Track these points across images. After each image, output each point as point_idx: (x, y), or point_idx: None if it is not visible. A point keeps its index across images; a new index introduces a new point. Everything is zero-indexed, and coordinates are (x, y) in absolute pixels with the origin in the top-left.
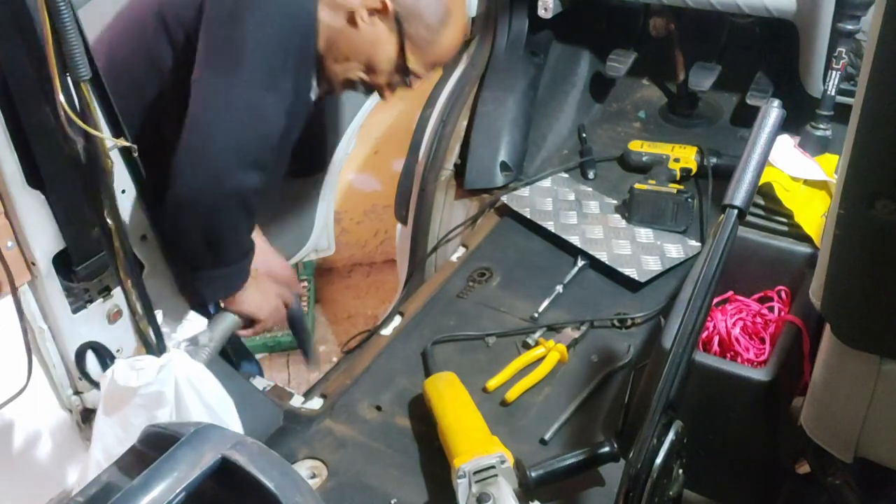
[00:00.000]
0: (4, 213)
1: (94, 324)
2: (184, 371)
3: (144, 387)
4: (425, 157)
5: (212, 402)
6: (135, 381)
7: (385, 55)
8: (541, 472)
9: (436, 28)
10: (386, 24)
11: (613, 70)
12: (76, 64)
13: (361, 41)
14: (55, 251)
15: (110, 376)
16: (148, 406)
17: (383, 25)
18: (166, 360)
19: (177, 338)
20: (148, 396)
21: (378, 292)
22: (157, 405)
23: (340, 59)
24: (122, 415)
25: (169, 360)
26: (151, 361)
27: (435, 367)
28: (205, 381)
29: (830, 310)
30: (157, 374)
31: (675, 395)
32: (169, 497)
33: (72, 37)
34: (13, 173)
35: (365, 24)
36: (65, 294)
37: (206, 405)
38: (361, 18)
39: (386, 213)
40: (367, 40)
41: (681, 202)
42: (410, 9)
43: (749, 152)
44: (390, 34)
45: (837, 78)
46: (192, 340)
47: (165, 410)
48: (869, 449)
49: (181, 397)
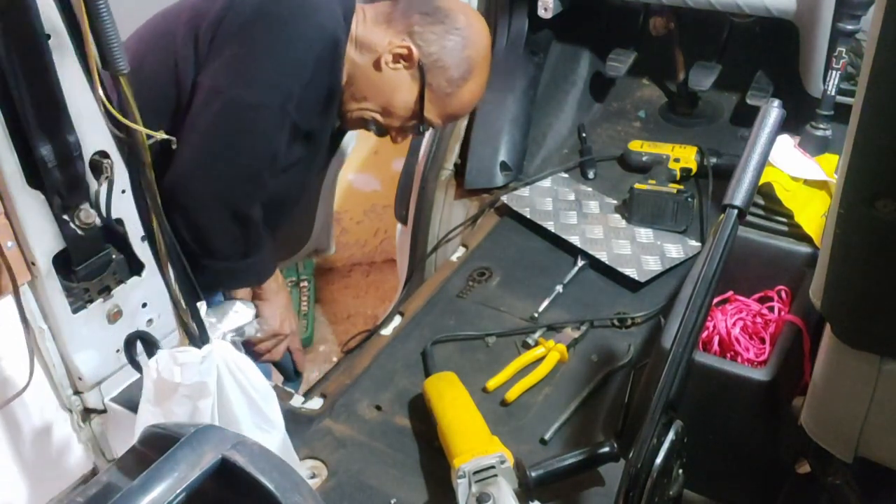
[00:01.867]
0: (4, 213)
1: (94, 324)
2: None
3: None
4: (425, 157)
5: (253, 394)
6: (178, 375)
7: (403, 101)
8: (541, 472)
9: (457, 82)
10: (409, 71)
11: (613, 70)
12: (115, 58)
13: (383, 84)
14: (55, 251)
15: (154, 366)
16: (191, 396)
17: (406, 73)
18: (208, 352)
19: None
20: (191, 387)
21: (378, 292)
22: (200, 395)
23: (358, 97)
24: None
25: (211, 352)
26: (194, 353)
27: (435, 367)
28: (247, 371)
29: (830, 310)
30: (199, 364)
31: (675, 395)
32: (169, 497)
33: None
34: (13, 173)
35: (388, 68)
36: (65, 294)
37: (249, 397)
38: (386, 63)
39: (386, 212)
40: (389, 84)
41: (681, 202)
42: (435, 60)
43: (749, 152)
44: (412, 82)
45: (837, 78)
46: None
47: (208, 401)
48: (869, 449)
49: (223, 388)
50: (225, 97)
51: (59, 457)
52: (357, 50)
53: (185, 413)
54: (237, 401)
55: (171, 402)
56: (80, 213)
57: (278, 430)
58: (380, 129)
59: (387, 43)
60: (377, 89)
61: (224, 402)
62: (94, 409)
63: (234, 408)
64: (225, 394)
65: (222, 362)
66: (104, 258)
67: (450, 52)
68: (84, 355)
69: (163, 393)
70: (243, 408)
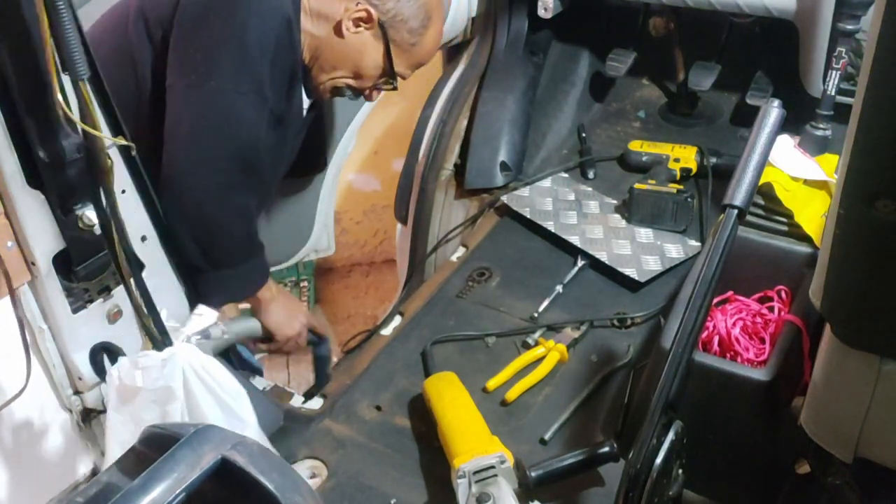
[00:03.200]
0: (4, 213)
1: (94, 324)
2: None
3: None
4: (425, 157)
5: (223, 395)
6: (140, 380)
7: (372, 62)
8: (541, 472)
9: (419, 31)
10: (371, 32)
11: (613, 70)
12: (75, 63)
13: (348, 50)
14: (55, 251)
15: (116, 374)
16: (158, 401)
17: (368, 34)
18: (169, 354)
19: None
20: (156, 392)
21: (377, 292)
22: (167, 400)
23: (327, 67)
24: (133, 411)
25: (173, 354)
26: (155, 357)
27: (435, 367)
28: (214, 372)
29: (830, 310)
30: (162, 369)
31: (674, 395)
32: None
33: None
34: (13, 173)
35: (351, 33)
36: (65, 294)
37: (217, 398)
38: (347, 29)
39: (386, 213)
40: (354, 49)
41: (681, 202)
42: (394, 16)
43: (749, 152)
44: (375, 41)
45: (837, 78)
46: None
47: (176, 405)
48: (869, 449)
49: (191, 391)
50: (202, 91)
51: (59, 457)
52: (314, 22)
53: (155, 418)
54: (206, 402)
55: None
56: (80, 214)
57: (252, 427)
58: (354, 92)
59: (343, 10)
60: (344, 56)
61: (193, 405)
62: (94, 409)
63: (205, 409)
64: (193, 396)
65: (188, 365)
66: (104, 258)
67: (405, 4)
68: (84, 355)
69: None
70: (214, 409)
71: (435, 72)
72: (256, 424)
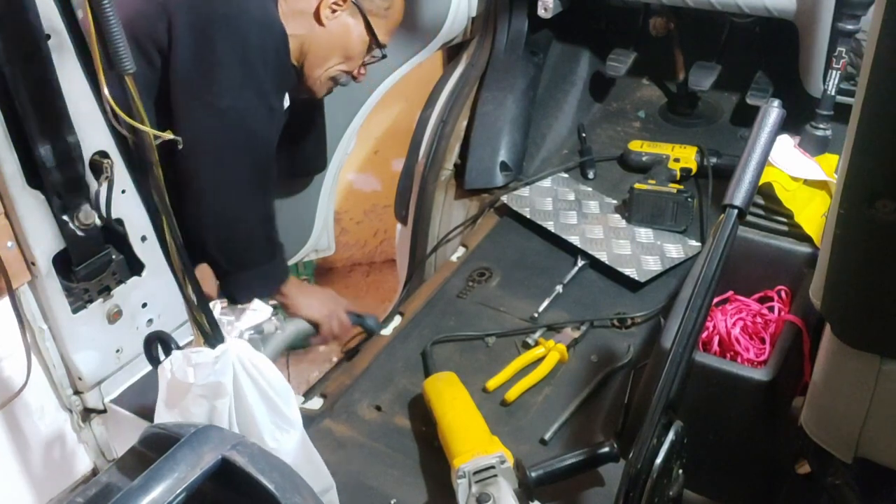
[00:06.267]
0: (4, 213)
1: (94, 324)
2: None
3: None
4: (425, 157)
5: (271, 393)
6: (192, 376)
7: (357, 39)
8: (541, 472)
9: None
10: (347, 11)
11: (613, 70)
12: (121, 58)
13: (333, 36)
14: (55, 251)
15: (168, 367)
16: (207, 396)
17: (345, 14)
18: (222, 351)
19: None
20: (206, 387)
21: (378, 292)
22: (216, 395)
23: (319, 61)
24: (183, 406)
25: (225, 350)
26: (208, 353)
27: (435, 367)
28: (264, 370)
29: (830, 310)
30: (214, 364)
31: (675, 395)
32: (169, 498)
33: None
34: (13, 173)
35: (331, 20)
36: (65, 294)
37: (265, 396)
38: (327, 17)
39: (386, 213)
40: (338, 33)
41: (681, 202)
42: None
43: (749, 152)
44: (354, 19)
45: (837, 78)
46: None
47: (224, 401)
48: (869, 449)
49: (240, 387)
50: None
51: (59, 457)
52: (294, 22)
53: (203, 413)
54: (254, 400)
55: (186, 403)
56: (79, 213)
57: (297, 430)
58: (348, 77)
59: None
60: (331, 44)
61: (241, 402)
62: (94, 409)
63: (252, 407)
64: (242, 393)
65: (238, 362)
66: (104, 258)
67: None
68: (84, 355)
69: (177, 394)
70: (261, 407)
71: (435, 72)
72: (302, 427)
